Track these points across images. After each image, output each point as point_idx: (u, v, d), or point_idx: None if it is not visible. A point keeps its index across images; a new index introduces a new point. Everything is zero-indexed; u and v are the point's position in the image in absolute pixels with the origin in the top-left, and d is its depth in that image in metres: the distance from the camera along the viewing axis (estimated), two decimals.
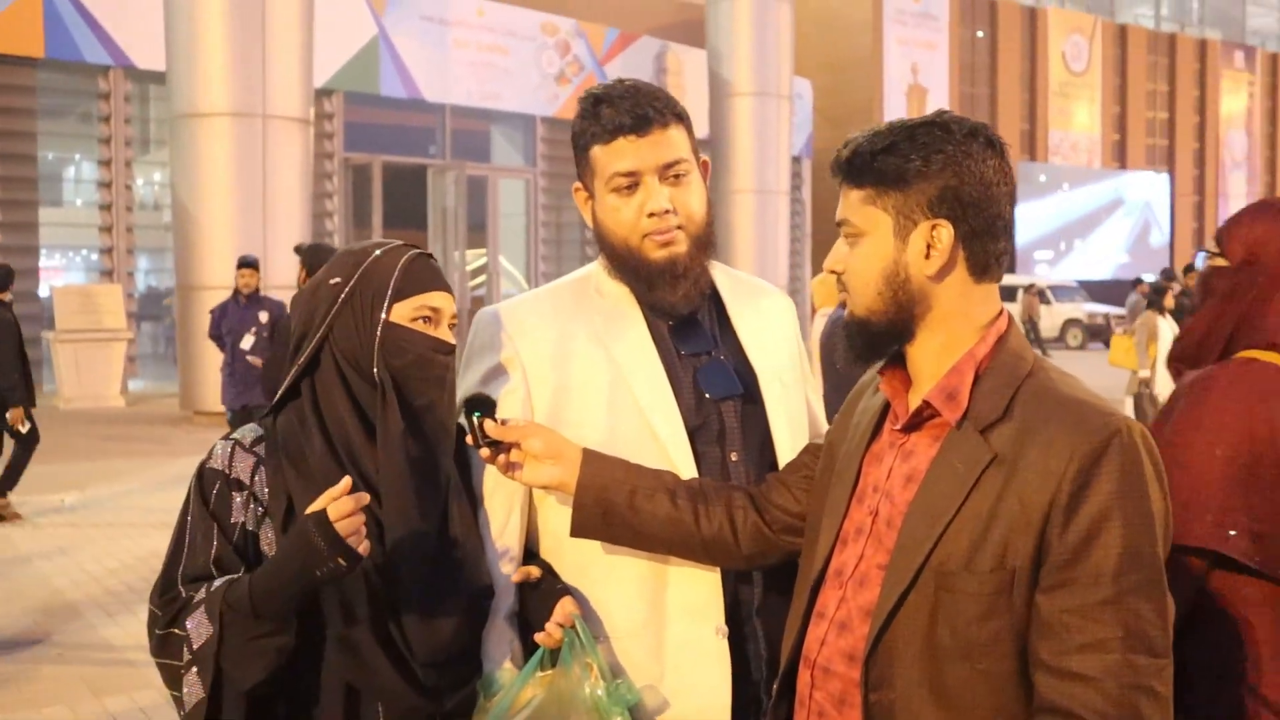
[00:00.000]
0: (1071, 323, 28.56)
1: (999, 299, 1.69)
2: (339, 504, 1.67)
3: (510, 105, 21.30)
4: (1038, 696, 1.52)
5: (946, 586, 1.56)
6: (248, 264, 9.57)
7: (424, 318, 1.91)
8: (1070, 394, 1.59)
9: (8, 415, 8.88)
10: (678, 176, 2.00)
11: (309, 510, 1.71)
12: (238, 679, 1.75)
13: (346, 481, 1.70)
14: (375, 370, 1.87)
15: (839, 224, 1.69)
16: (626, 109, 1.96)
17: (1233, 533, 2.04)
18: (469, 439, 1.92)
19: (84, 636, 6.11)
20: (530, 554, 2.04)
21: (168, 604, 1.81)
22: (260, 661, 1.75)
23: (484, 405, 1.93)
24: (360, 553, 1.69)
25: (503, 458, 1.92)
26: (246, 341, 9.24)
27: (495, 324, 2.07)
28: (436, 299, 1.92)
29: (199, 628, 1.75)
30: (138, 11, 16.08)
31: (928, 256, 1.62)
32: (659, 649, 1.96)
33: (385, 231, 19.34)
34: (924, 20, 30.55)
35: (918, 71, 30.39)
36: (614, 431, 1.99)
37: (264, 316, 9.30)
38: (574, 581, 1.99)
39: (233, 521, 1.85)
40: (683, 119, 2.02)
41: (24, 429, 8.90)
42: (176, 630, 1.78)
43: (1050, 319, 28.18)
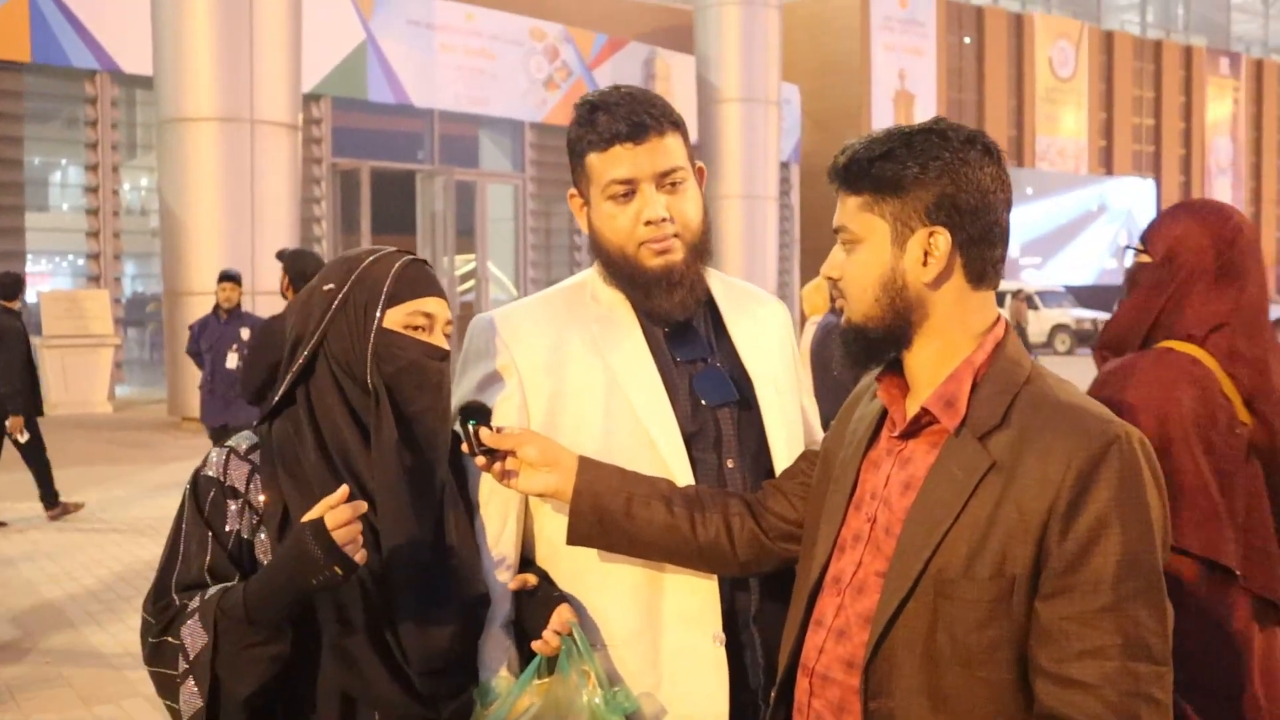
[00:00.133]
0: (1059, 328, 28.60)
1: (996, 306, 1.69)
2: (336, 513, 1.67)
3: (498, 110, 21.27)
4: (1037, 704, 1.52)
5: (945, 594, 1.56)
6: (229, 278, 9.05)
7: (418, 324, 1.90)
8: (1068, 401, 1.59)
9: (7, 424, 8.91)
10: (674, 184, 1.99)
11: (305, 518, 1.70)
12: (233, 688, 1.74)
13: (344, 490, 1.69)
14: (369, 376, 1.86)
15: (836, 230, 1.69)
16: (623, 116, 1.95)
17: None
18: (464, 446, 1.91)
19: (72, 644, 6.08)
20: (526, 562, 2.03)
21: (161, 612, 1.80)
22: (255, 670, 1.74)
23: (479, 413, 1.92)
24: (357, 561, 1.68)
25: (498, 465, 1.91)
26: (231, 360, 8.78)
27: (490, 331, 2.06)
28: (430, 304, 1.91)
29: (194, 636, 1.74)
30: (124, 16, 16.03)
31: (925, 263, 1.62)
32: (656, 657, 1.96)
33: (373, 237, 19.30)
34: (911, 26, 30.62)
35: (905, 77, 30.45)
36: (610, 438, 1.98)
37: (245, 333, 8.80)
38: (570, 589, 1.98)
39: (228, 529, 1.84)
40: (679, 127, 2.02)
41: (22, 438, 8.92)
42: (170, 639, 1.76)
43: (1038, 324, 28.24)
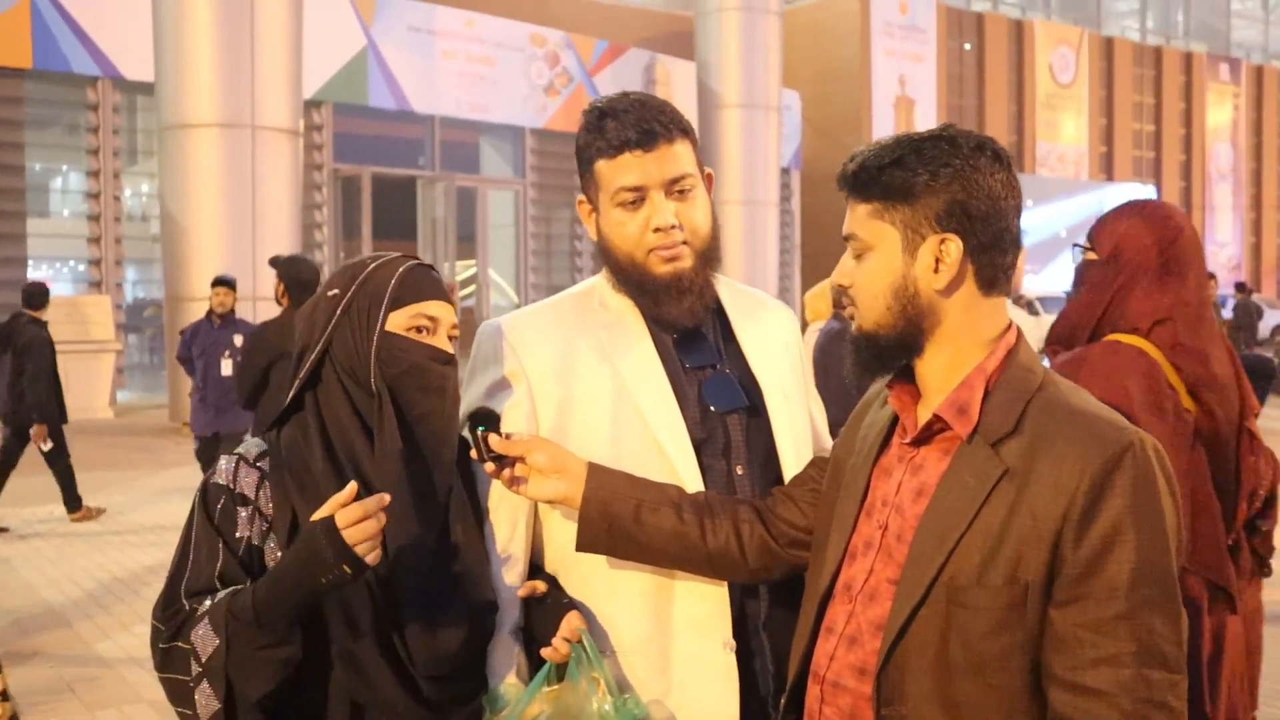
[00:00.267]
0: None
1: (1007, 312, 1.69)
2: (346, 512, 1.66)
3: (499, 116, 21.27)
4: (1051, 711, 1.52)
5: (958, 601, 1.55)
6: (223, 283, 8.89)
7: (421, 327, 1.89)
8: (1082, 407, 1.58)
9: (31, 432, 9.00)
10: (683, 192, 1.99)
11: (314, 516, 1.70)
12: (245, 690, 1.73)
13: (352, 487, 1.68)
14: (372, 380, 1.86)
15: (846, 238, 1.69)
16: (632, 123, 1.95)
17: None
18: (473, 453, 1.90)
19: (73, 649, 6.07)
20: (535, 568, 2.03)
21: (171, 618, 1.79)
22: (266, 673, 1.73)
23: (488, 419, 1.92)
24: (368, 562, 1.67)
25: (507, 472, 1.91)
26: (225, 367, 8.61)
27: (499, 337, 2.06)
28: (434, 308, 1.91)
29: (205, 639, 1.73)
30: (126, 22, 16.03)
31: (936, 270, 1.62)
32: (665, 664, 1.95)
33: (374, 243, 19.30)
34: (911, 32, 30.60)
35: (905, 83, 30.43)
36: (619, 445, 1.98)
37: (239, 339, 8.57)
38: (579, 596, 1.98)
39: (238, 536, 1.83)
40: (688, 133, 2.01)
41: (45, 447, 9.02)
42: (181, 643, 1.75)
43: (1040, 329, 28.24)
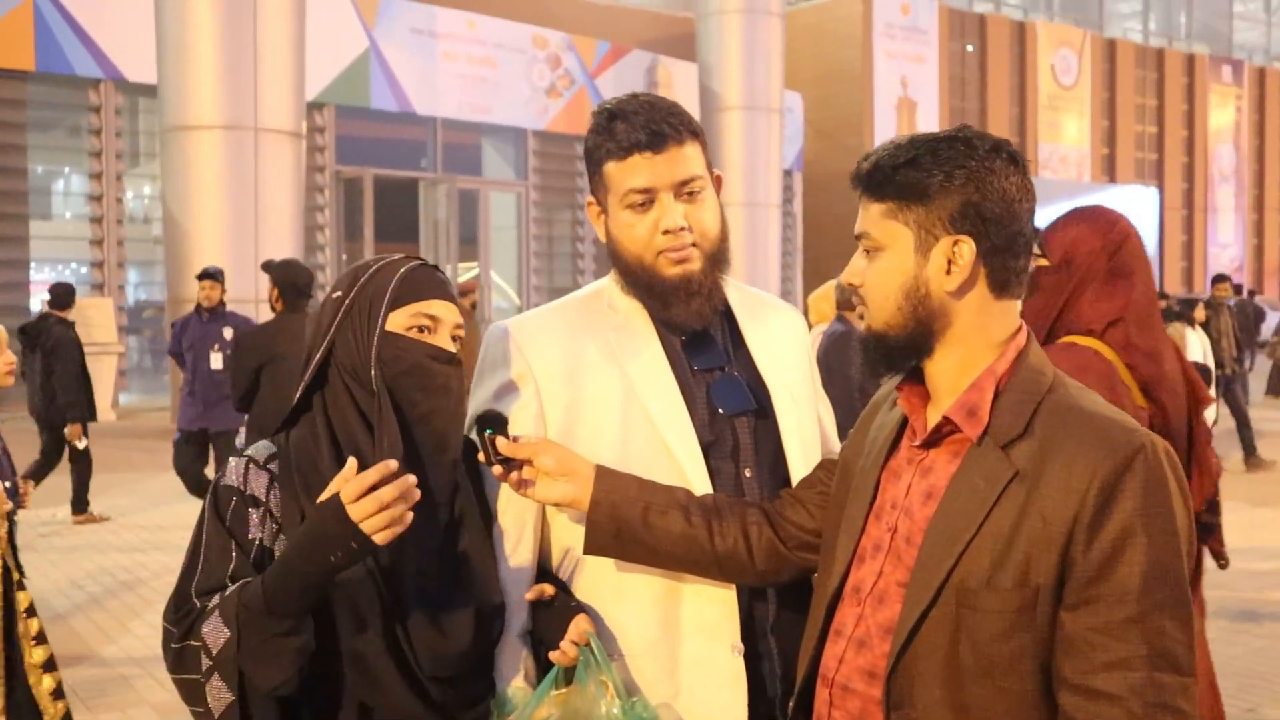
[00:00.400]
0: None
1: (1018, 315, 1.68)
2: (349, 487, 1.63)
3: (501, 118, 21.26)
4: (1062, 715, 1.52)
5: (968, 604, 1.55)
6: (208, 275, 8.81)
7: (421, 326, 1.88)
8: (1092, 410, 1.58)
9: (66, 431, 9.06)
10: (692, 194, 1.98)
11: (321, 498, 1.68)
12: (258, 682, 1.71)
13: (352, 464, 1.66)
14: (374, 380, 1.85)
15: (858, 237, 1.68)
16: (642, 125, 1.94)
17: None
18: (481, 456, 1.90)
19: (76, 651, 6.06)
20: (543, 572, 2.02)
21: (181, 619, 1.78)
22: (279, 663, 1.71)
23: (496, 422, 1.91)
24: (377, 540, 1.65)
25: (515, 474, 1.90)
26: (215, 360, 8.53)
27: (507, 339, 2.05)
28: (435, 307, 1.90)
29: (215, 633, 1.72)
30: (129, 24, 16.03)
31: (949, 272, 1.61)
32: (674, 667, 1.95)
33: (376, 245, 19.29)
34: (913, 34, 30.59)
35: (907, 85, 30.42)
36: (627, 448, 1.97)
37: (228, 333, 8.55)
38: (587, 599, 1.97)
39: (250, 537, 1.83)
40: (698, 135, 2.01)
41: (81, 445, 9.10)
42: (192, 641, 1.75)
43: None
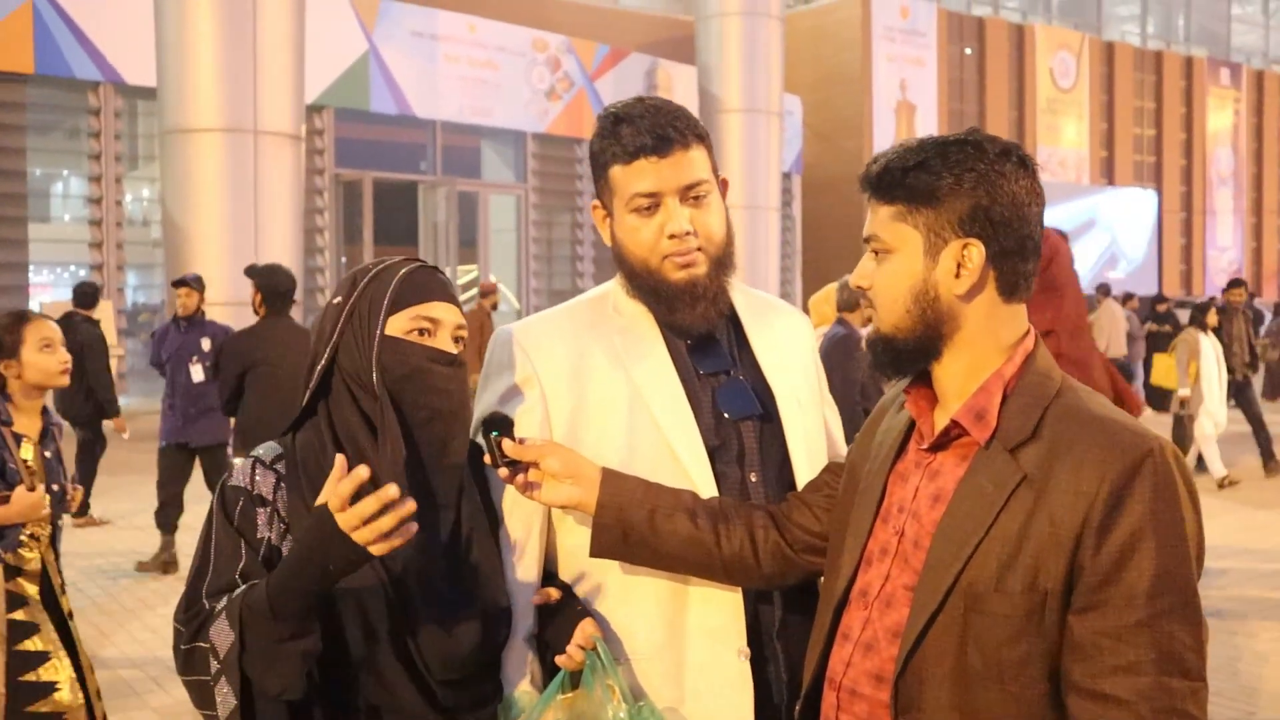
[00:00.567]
0: None
1: (1026, 318, 1.68)
2: (335, 494, 1.61)
3: (501, 121, 21.24)
4: (1070, 719, 1.51)
5: (976, 608, 1.55)
6: (184, 283, 8.28)
7: (421, 329, 1.88)
8: (1101, 413, 1.58)
9: (112, 425, 9.28)
10: (698, 198, 1.98)
11: (317, 501, 1.67)
12: (264, 686, 1.70)
13: (340, 463, 1.64)
14: (375, 385, 1.85)
15: (866, 240, 1.68)
16: (647, 129, 1.94)
17: None
18: (487, 458, 1.90)
19: None
20: (549, 576, 2.02)
21: (191, 619, 1.78)
22: (284, 667, 1.70)
23: (502, 424, 1.90)
24: (373, 551, 1.64)
25: (521, 477, 1.90)
26: (195, 373, 8.08)
27: (512, 343, 2.05)
28: (436, 309, 1.89)
29: (221, 636, 1.72)
30: (128, 27, 16.02)
31: (958, 275, 1.61)
32: (680, 671, 1.94)
33: (376, 248, 19.28)
34: (912, 37, 30.60)
35: (906, 88, 30.42)
36: (633, 452, 1.97)
37: (206, 343, 8.08)
38: (593, 603, 1.97)
39: (259, 537, 1.83)
40: (703, 139, 2.01)
41: (126, 436, 9.40)
42: (201, 643, 1.75)
43: None
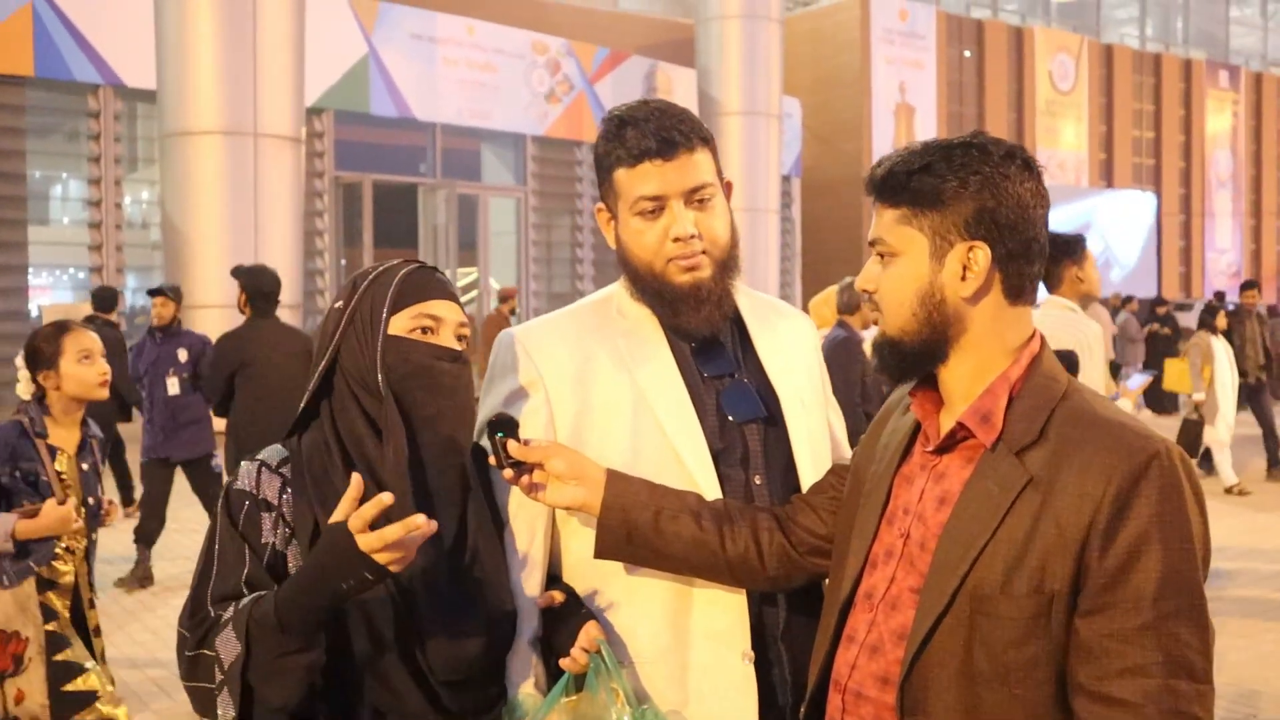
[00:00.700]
0: None
1: (1031, 321, 1.68)
2: (360, 515, 1.63)
3: (500, 124, 21.23)
4: None
5: (982, 610, 1.54)
6: (159, 292, 7.99)
7: (424, 327, 1.88)
8: (1106, 416, 1.58)
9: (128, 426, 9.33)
10: (702, 201, 1.98)
11: (331, 519, 1.68)
12: (267, 697, 1.71)
13: (357, 482, 1.66)
14: (380, 385, 1.85)
15: (872, 243, 1.68)
16: (652, 132, 1.94)
17: None
18: (492, 460, 1.90)
19: None
20: (553, 578, 2.02)
21: (196, 625, 1.78)
22: (289, 680, 1.70)
23: (507, 426, 1.90)
24: (390, 569, 1.65)
25: (526, 479, 1.89)
26: (172, 386, 7.74)
27: (516, 346, 2.05)
28: (437, 307, 1.89)
29: (227, 646, 1.72)
30: (127, 30, 16.02)
31: (964, 278, 1.61)
32: (684, 674, 1.94)
33: (376, 250, 19.28)
34: (911, 39, 30.60)
35: (905, 90, 30.43)
36: (637, 454, 1.97)
37: (183, 354, 7.85)
38: (597, 606, 1.97)
39: (263, 541, 1.82)
40: (708, 142, 2.00)
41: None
42: (206, 651, 1.74)
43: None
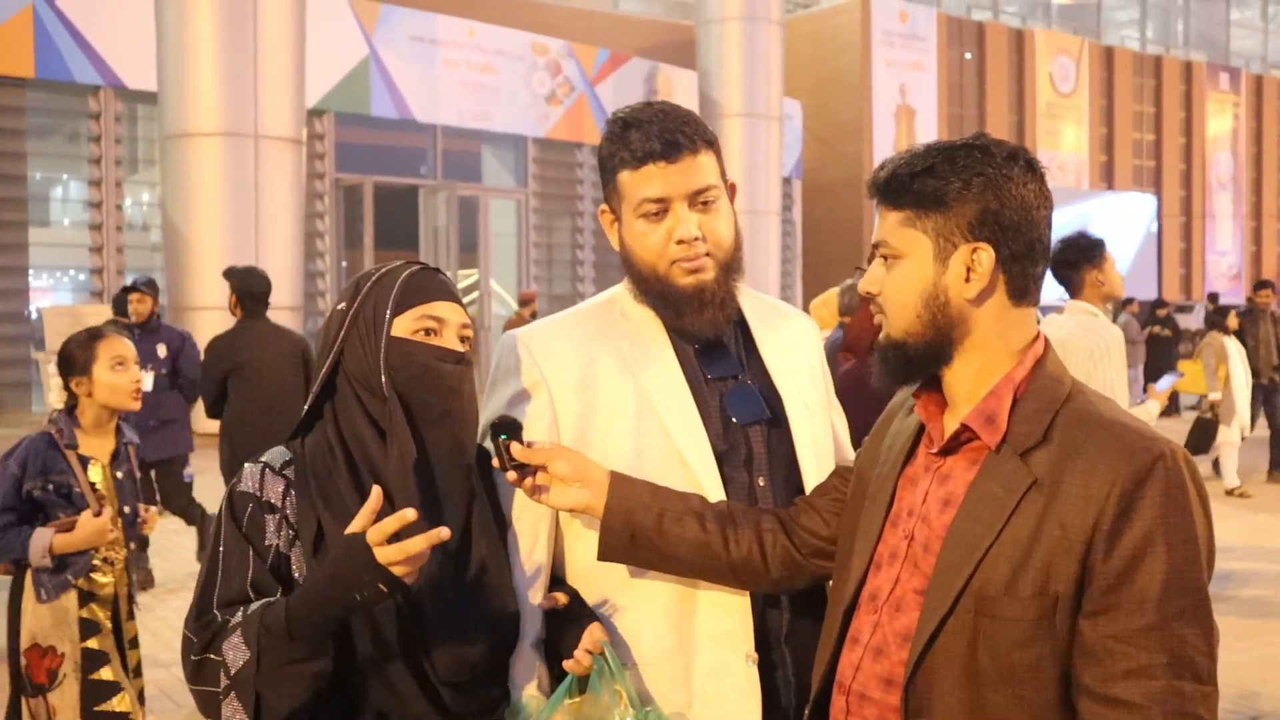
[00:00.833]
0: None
1: (1035, 322, 1.68)
2: (380, 529, 1.64)
3: (501, 125, 21.25)
4: None
5: (987, 612, 1.54)
6: (134, 288, 7.84)
7: (427, 329, 1.88)
8: (1111, 418, 1.57)
9: None
10: (706, 203, 1.98)
11: (348, 530, 1.68)
12: (275, 704, 1.72)
13: (377, 496, 1.67)
14: (384, 387, 1.85)
15: (875, 245, 1.68)
16: (656, 134, 1.94)
17: None
18: (495, 461, 1.90)
19: None
20: (557, 580, 2.02)
21: (203, 629, 1.78)
22: (297, 687, 1.72)
23: (510, 428, 1.90)
24: (406, 581, 1.66)
25: (529, 481, 1.89)
26: (147, 381, 7.36)
27: (520, 348, 2.05)
28: (440, 309, 1.90)
29: (236, 652, 1.72)
30: (128, 31, 16.03)
31: (967, 280, 1.61)
32: (688, 676, 1.94)
33: (376, 252, 19.29)
34: (912, 41, 30.60)
35: (906, 92, 30.42)
36: (641, 456, 1.96)
37: (162, 350, 7.71)
38: (601, 607, 1.97)
39: (267, 544, 1.83)
40: (712, 144, 2.00)
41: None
42: (213, 655, 1.75)
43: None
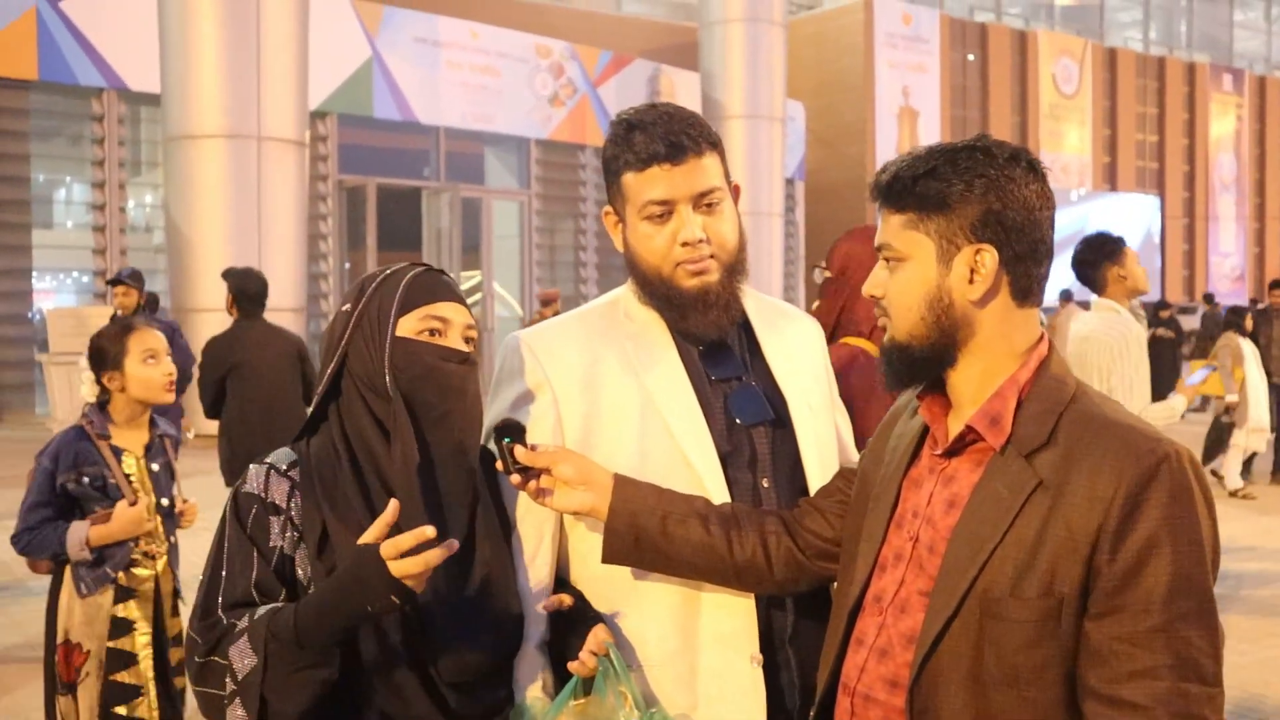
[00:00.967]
0: None
1: (1039, 323, 1.68)
2: (395, 543, 1.63)
3: (504, 127, 21.27)
4: None
5: (992, 613, 1.54)
6: (118, 281, 7.92)
7: (431, 329, 1.88)
8: (1116, 419, 1.58)
9: (181, 423, 9.12)
10: (710, 205, 1.98)
11: (361, 540, 1.68)
12: (280, 710, 1.72)
13: (395, 508, 1.66)
14: (389, 387, 1.85)
15: (878, 248, 1.68)
16: (660, 136, 1.94)
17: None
18: (499, 465, 1.89)
19: None
20: (561, 582, 2.02)
21: (208, 630, 1.78)
22: (303, 693, 1.72)
23: (514, 430, 1.90)
24: (417, 591, 1.66)
25: (533, 483, 1.89)
26: None
27: (523, 349, 2.04)
28: (444, 309, 1.90)
29: (242, 657, 1.72)
30: (132, 33, 16.05)
31: (971, 281, 1.61)
32: (692, 677, 1.94)
33: (379, 254, 19.29)
34: (914, 43, 30.62)
35: (909, 94, 30.44)
36: (645, 458, 1.96)
37: None
38: (606, 609, 1.96)
39: (271, 545, 1.83)
40: (716, 146, 2.01)
41: (190, 436, 9.11)
42: (218, 658, 1.75)
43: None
